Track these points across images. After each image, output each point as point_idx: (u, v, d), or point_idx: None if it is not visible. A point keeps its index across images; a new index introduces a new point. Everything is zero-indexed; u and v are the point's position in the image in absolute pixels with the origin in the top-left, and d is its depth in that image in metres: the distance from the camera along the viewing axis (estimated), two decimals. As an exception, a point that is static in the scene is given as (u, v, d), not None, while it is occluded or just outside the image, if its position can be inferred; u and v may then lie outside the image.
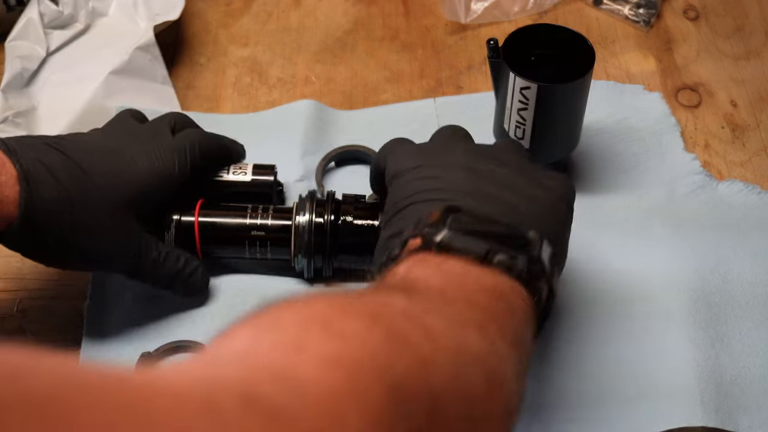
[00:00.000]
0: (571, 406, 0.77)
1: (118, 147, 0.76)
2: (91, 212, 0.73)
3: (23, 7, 1.01)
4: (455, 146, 0.71)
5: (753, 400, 0.77)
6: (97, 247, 0.74)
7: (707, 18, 1.07)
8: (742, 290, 0.83)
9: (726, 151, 0.95)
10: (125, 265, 0.76)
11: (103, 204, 0.73)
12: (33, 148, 0.72)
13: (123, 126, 0.80)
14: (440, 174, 0.67)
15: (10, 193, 0.70)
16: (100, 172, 0.74)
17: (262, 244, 0.80)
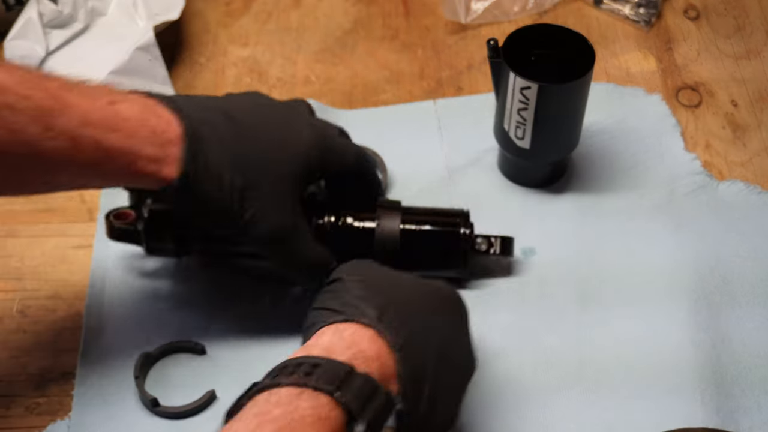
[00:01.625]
0: (571, 405, 0.76)
1: (283, 117, 0.75)
2: (254, 177, 0.71)
3: (22, 6, 1.01)
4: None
5: (754, 401, 0.76)
6: (255, 215, 0.71)
7: (708, 17, 1.07)
8: (743, 291, 0.83)
9: (727, 151, 0.95)
10: (275, 241, 0.73)
11: (267, 171, 0.71)
12: (200, 107, 0.71)
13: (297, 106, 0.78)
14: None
15: (173, 150, 0.68)
16: (268, 142, 0.72)
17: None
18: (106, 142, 0.66)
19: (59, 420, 0.76)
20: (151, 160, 0.68)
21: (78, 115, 0.65)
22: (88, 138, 0.65)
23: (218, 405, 0.76)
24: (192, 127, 0.69)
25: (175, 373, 0.78)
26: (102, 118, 0.66)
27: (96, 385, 0.77)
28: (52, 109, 0.64)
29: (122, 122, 0.67)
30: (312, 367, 0.57)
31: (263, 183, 0.71)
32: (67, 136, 0.64)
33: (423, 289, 0.67)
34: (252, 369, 0.78)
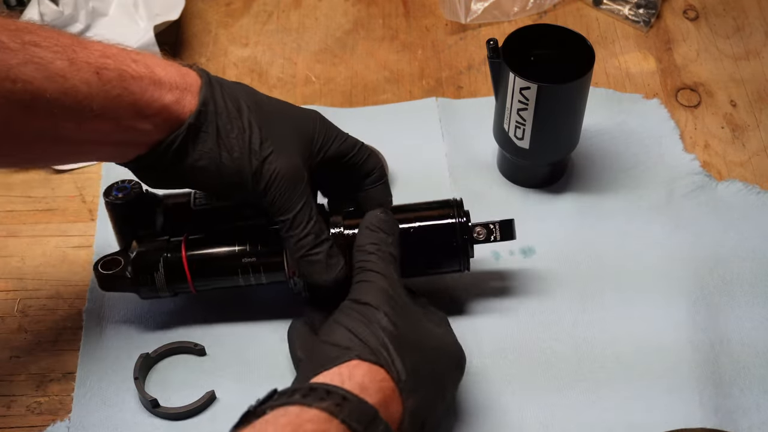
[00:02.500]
0: (571, 405, 0.77)
1: (287, 103, 0.77)
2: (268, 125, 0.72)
3: (24, 7, 1.01)
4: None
5: (753, 401, 0.77)
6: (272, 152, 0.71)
7: (707, 18, 1.07)
8: (742, 291, 0.83)
9: (726, 151, 0.95)
10: (278, 207, 0.72)
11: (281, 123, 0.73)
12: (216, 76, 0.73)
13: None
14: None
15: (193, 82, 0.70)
16: (277, 115, 0.73)
17: (255, 270, 0.77)
18: (129, 69, 0.67)
19: (59, 421, 0.76)
20: (173, 87, 0.69)
21: (97, 50, 0.67)
22: (111, 68, 0.66)
23: (218, 406, 0.77)
24: (209, 78, 0.71)
25: (175, 374, 0.79)
26: (120, 52, 0.68)
27: (96, 386, 0.77)
28: (74, 45, 0.65)
29: (140, 56, 0.69)
30: (342, 399, 0.59)
31: (276, 131, 0.72)
32: (91, 67, 0.65)
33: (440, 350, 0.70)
34: (252, 370, 0.79)
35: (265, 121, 0.72)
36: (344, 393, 0.60)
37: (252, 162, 0.71)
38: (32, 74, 0.62)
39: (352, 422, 0.58)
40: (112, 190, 0.79)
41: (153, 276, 0.77)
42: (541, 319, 0.82)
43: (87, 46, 0.66)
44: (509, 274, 0.85)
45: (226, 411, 0.76)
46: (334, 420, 0.57)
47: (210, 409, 0.76)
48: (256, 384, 0.78)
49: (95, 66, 0.65)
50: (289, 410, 0.58)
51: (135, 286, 0.77)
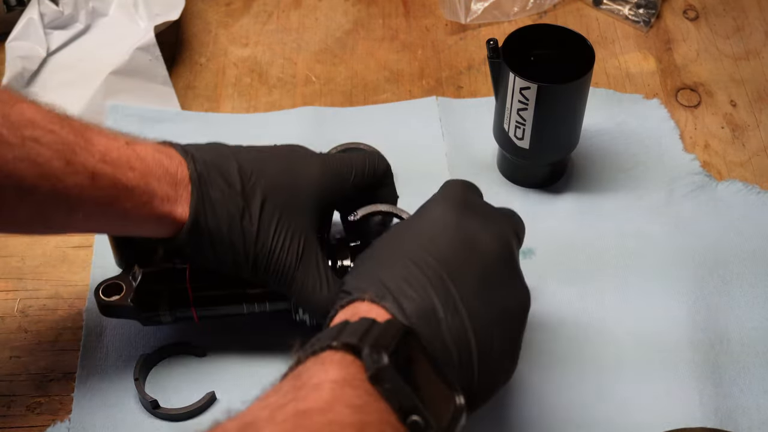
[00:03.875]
0: (571, 406, 0.77)
1: (288, 155, 0.75)
2: (263, 215, 0.71)
3: (23, 7, 1.01)
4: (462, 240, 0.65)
5: (753, 401, 0.77)
6: (264, 254, 0.71)
7: (707, 18, 1.07)
8: (742, 291, 0.83)
9: (726, 151, 0.95)
10: (282, 283, 0.73)
11: (276, 208, 0.72)
12: (207, 152, 0.72)
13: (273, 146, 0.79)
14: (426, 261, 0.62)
15: (184, 192, 0.70)
16: (275, 177, 0.72)
17: (260, 300, 0.77)
18: (124, 179, 0.67)
19: (59, 422, 0.76)
20: (164, 199, 0.69)
21: (98, 151, 0.66)
22: (107, 175, 0.66)
23: (218, 406, 0.77)
24: (198, 169, 0.70)
25: (175, 375, 0.79)
26: (120, 156, 0.67)
27: (96, 387, 0.77)
28: (75, 145, 0.65)
29: (138, 161, 0.68)
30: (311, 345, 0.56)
31: (272, 220, 0.71)
32: (87, 172, 0.65)
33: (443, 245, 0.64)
34: (252, 370, 0.79)
35: (257, 208, 0.71)
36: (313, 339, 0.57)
37: (248, 261, 0.71)
38: (26, 171, 0.62)
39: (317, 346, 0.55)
40: None
41: (157, 306, 0.76)
42: (540, 319, 0.82)
43: (88, 147, 0.66)
44: (509, 274, 0.85)
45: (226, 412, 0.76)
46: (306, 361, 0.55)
47: (210, 410, 0.76)
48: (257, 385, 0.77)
49: (91, 171, 0.65)
50: (288, 374, 0.56)
51: (137, 315, 0.77)
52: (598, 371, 0.79)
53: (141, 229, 0.71)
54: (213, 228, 0.70)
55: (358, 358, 0.54)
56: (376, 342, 0.54)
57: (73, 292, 0.84)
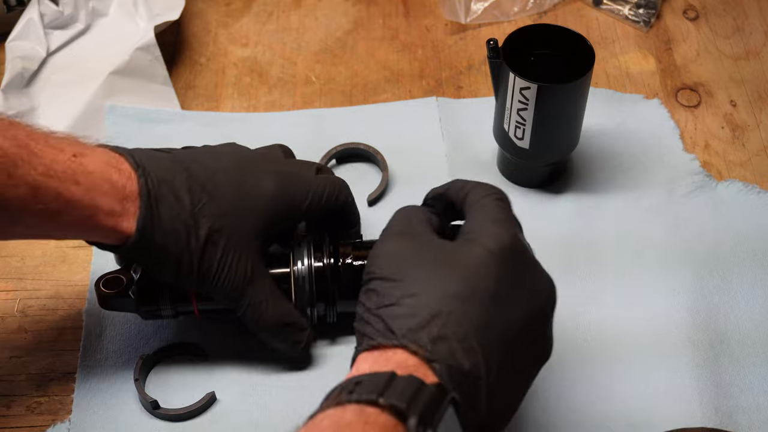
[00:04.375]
0: (571, 406, 0.77)
1: (244, 171, 0.75)
2: (210, 234, 0.71)
3: (23, 7, 1.01)
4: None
5: (752, 400, 0.77)
6: (210, 275, 0.72)
7: (707, 18, 1.07)
8: (742, 291, 0.83)
9: (726, 151, 0.95)
10: (230, 300, 0.74)
11: (223, 228, 0.72)
12: (160, 164, 0.72)
13: (268, 152, 0.79)
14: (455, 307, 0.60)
15: (131, 206, 0.70)
16: (226, 197, 0.73)
17: None
18: (67, 193, 0.67)
19: (59, 422, 0.76)
20: (109, 213, 0.69)
21: (42, 165, 0.66)
22: (50, 188, 0.66)
23: (218, 407, 0.77)
24: (149, 185, 0.70)
25: (175, 376, 0.79)
26: (65, 170, 0.67)
27: (96, 387, 0.77)
28: (17, 158, 0.64)
29: (84, 175, 0.68)
30: (354, 385, 0.56)
31: (220, 239, 0.72)
32: (29, 185, 0.65)
33: (459, 277, 0.61)
34: (252, 371, 0.79)
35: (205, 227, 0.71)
36: (356, 379, 0.56)
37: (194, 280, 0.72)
38: None
39: (365, 396, 0.54)
40: None
41: (157, 299, 0.76)
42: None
43: (31, 159, 0.65)
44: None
45: (227, 412, 0.76)
46: (347, 407, 0.54)
47: (210, 411, 0.76)
48: (257, 385, 0.78)
49: (33, 185, 0.65)
50: (306, 425, 0.55)
51: (137, 308, 0.77)
52: (598, 371, 0.79)
53: (87, 238, 0.72)
54: (159, 244, 0.70)
55: (401, 423, 0.54)
56: (423, 412, 0.54)
57: (73, 292, 0.84)
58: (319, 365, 0.79)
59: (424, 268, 0.62)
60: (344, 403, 0.55)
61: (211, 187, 0.72)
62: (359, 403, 0.54)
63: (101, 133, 0.94)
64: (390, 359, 0.58)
